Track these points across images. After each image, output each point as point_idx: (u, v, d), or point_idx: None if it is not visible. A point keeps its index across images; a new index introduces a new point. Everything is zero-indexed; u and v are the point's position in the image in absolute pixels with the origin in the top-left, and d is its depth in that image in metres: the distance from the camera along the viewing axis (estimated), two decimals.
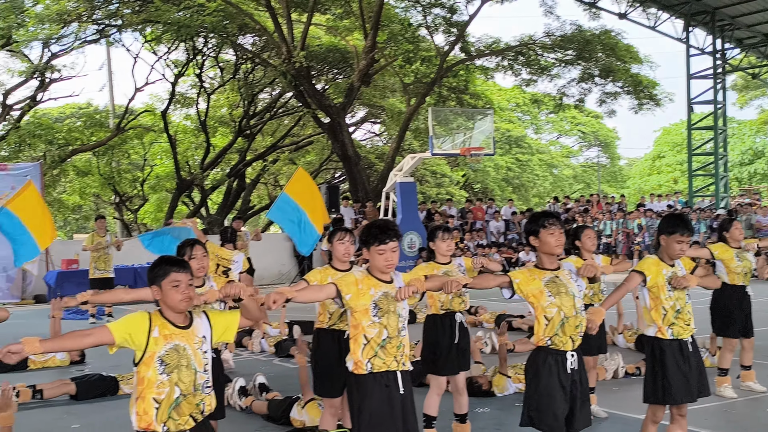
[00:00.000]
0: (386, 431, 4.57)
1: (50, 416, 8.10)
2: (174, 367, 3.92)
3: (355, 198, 26.76)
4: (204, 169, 32.78)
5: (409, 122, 30.25)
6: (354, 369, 4.67)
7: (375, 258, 4.78)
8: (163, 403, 3.90)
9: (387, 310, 4.70)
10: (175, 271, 4.03)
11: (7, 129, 29.52)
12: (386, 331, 4.67)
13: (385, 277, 4.81)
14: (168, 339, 3.95)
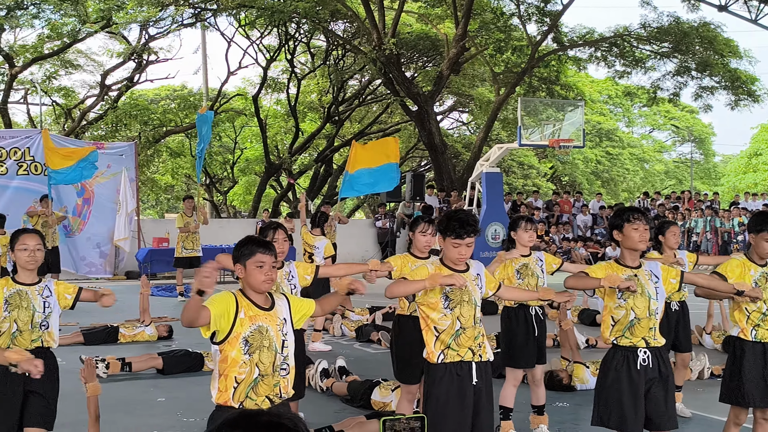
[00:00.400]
0: (453, 419, 4.56)
1: (137, 388, 8.36)
2: (256, 348, 3.98)
3: (440, 187, 26.72)
4: (292, 154, 33.20)
5: (497, 112, 30.01)
6: (427, 357, 4.68)
7: (449, 249, 4.76)
8: (242, 383, 3.97)
9: (459, 300, 4.68)
10: (261, 252, 4.06)
11: (105, 109, 30.46)
12: (459, 322, 4.65)
13: (458, 268, 4.79)
14: (253, 320, 4.01)
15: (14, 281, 5.00)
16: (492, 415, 4.72)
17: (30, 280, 5.04)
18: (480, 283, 4.84)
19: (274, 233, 5.91)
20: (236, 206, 41.68)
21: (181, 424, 6.85)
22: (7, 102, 28.99)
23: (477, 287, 4.79)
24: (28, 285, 5.02)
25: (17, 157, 20.26)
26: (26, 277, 5.04)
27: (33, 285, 5.03)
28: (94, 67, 33.41)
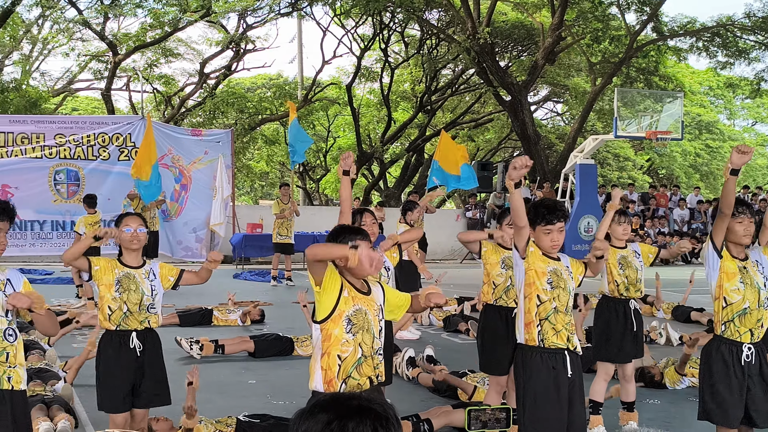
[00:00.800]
0: (551, 413, 4.54)
1: (230, 370, 8.57)
2: (359, 329, 4.05)
3: (533, 178, 26.43)
4: (384, 143, 33.33)
5: (593, 103, 29.49)
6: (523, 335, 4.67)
7: (541, 239, 4.74)
8: (346, 360, 4.03)
9: (557, 285, 4.67)
10: (359, 239, 4.13)
11: (203, 97, 31.19)
12: (554, 303, 4.65)
13: (552, 255, 4.80)
14: (355, 301, 4.08)
15: (122, 264, 5.16)
16: (584, 409, 4.70)
17: (136, 263, 5.19)
18: (571, 273, 4.84)
19: (362, 217, 5.96)
20: (328, 194, 42.12)
21: (271, 406, 7.00)
22: (110, 89, 29.97)
23: (571, 278, 4.78)
24: (134, 268, 5.17)
25: (119, 143, 20.95)
26: (132, 259, 5.19)
27: (139, 268, 5.18)
28: (193, 56, 34.23)
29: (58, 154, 20.44)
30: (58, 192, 20.45)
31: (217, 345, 9.17)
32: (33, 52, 34.57)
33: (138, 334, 5.10)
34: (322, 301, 4.06)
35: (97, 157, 20.68)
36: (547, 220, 4.71)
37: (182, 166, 21.48)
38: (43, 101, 30.04)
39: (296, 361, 8.87)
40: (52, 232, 20.34)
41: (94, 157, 20.65)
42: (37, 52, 34.85)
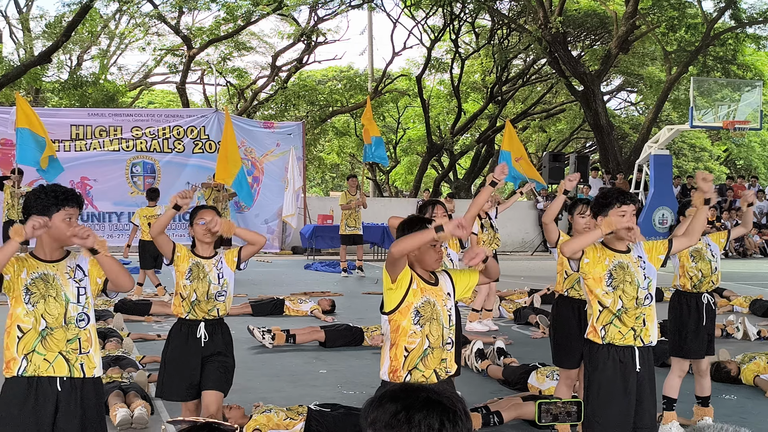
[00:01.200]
0: (617, 407, 4.48)
1: (301, 360, 8.68)
2: (427, 320, 4.10)
3: (606, 169, 26.04)
4: (454, 134, 33.23)
5: (668, 92, 28.88)
6: (589, 335, 4.62)
7: (615, 222, 4.64)
8: (412, 352, 4.09)
9: (622, 280, 4.59)
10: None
11: (275, 89, 31.54)
12: (621, 302, 4.57)
13: (621, 247, 4.69)
14: (423, 292, 4.12)
15: (194, 253, 5.27)
16: (654, 404, 4.62)
17: (207, 253, 5.29)
18: (644, 264, 4.72)
19: (433, 209, 5.95)
20: (398, 186, 42.19)
21: (342, 396, 7.07)
22: (185, 82, 30.54)
23: (640, 268, 4.68)
24: (205, 258, 5.26)
25: (193, 135, 21.36)
26: (204, 250, 5.29)
27: (210, 258, 5.28)
28: (265, 49, 34.63)
29: (134, 147, 20.93)
30: (134, 184, 20.95)
31: (289, 335, 9.29)
32: (110, 47, 35.43)
33: (206, 324, 5.20)
34: (389, 294, 4.09)
35: (172, 150, 21.11)
36: (621, 201, 4.64)
37: (255, 158, 21.79)
38: (120, 95, 30.78)
39: (366, 351, 8.93)
40: (129, 223, 20.82)
41: (169, 150, 21.09)
42: (114, 47, 35.71)
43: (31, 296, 3.97)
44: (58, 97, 30.95)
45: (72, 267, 4.11)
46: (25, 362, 3.92)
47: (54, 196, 4.00)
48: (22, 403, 3.89)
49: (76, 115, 21.57)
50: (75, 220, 4.03)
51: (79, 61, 33.85)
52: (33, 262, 4.04)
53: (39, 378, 3.91)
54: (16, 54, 32.52)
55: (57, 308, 3.98)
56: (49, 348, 3.94)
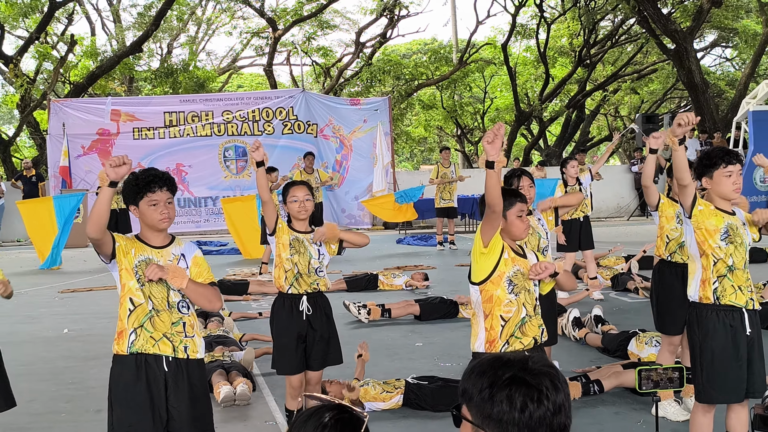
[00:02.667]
0: (730, 373, 4.36)
1: (397, 333, 8.73)
2: (521, 289, 4.10)
3: (702, 128, 25.23)
4: (543, 101, 32.70)
5: (765, 45, 27.74)
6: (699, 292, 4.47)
7: (722, 182, 4.46)
8: (510, 320, 4.10)
9: (732, 240, 4.43)
10: (520, 201, 4.21)
11: (360, 66, 31.62)
12: (732, 259, 4.42)
13: (727, 207, 4.53)
14: (514, 262, 4.14)
15: (292, 228, 5.36)
16: (764, 367, 4.48)
17: (303, 228, 5.38)
18: (746, 230, 4.56)
19: (519, 180, 5.88)
20: None
21: (439, 368, 7.08)
22: (272, 64, 30.89)
23: (745, 232, 4.52)
24: (303, 233, 5.36)
25: (282, 117, 21.62)
26: (300, 225, 5.38)
27: (308, 233, 5.37)
28: (349, 26, 34.81)
29: (226, 131, 21.33)
30: (227, 168, 21.38)
31: (384, 309, 9.35)
32: (198, 33, 36.12)
33: (308, 297, 5.28)
34: (480, 262, 4.08)
35: (263, 132, 21.42)
36: (726, 161, 4.45)
37: (343, 136, 21.93)
38: (210, 80, 31.38)
39: (461, 323, 8.92)
40: None
41: (259, 132, 21.41)
42: (202, 33, 36.40)
43: (139, 277, 4.02)
44: (151, 86, 31.75)
45: (176, 254, 4.12)
46: (134, 336, 3.98)
47: (136, 183, 4.00)
48: (134, 382, 3.96)
49: (169, 102, 22.10)
50: (163, 204, 4.00)
51: (169, 49, 34.65)
52: (140, 245, 4.07)
53: (146, 356, 3.98)
54: (108, 45, 33.51)
55: (160, 292, 4.04)
56: (156, 327, 4.01)
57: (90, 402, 6.45)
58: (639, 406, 5.94)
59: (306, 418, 2.05)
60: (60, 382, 7.11)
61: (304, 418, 2.05)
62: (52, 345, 8.61)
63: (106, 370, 4.15)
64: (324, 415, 2.04)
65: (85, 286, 12.57)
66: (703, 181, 4.55)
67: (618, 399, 6.16)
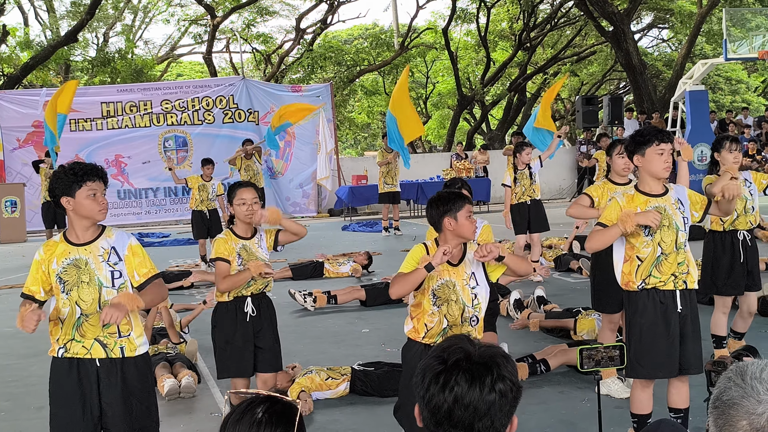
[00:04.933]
0: (659, 349, 4.41)
1: (343, 321, 8.72)
2: (444, 301, 4.15)
3: (641, 109, 25.62)
4: (484, 85, 32.88)
5: (700, 25, 28.25)
6: (626, 286, 4.54)
7: (653, 161, 4.45)
8: (432, 330, 4.19)
9: (660, 226, 4.44)
10: (467, 203, 4.19)
11: (301, 52, 31.41)
12: (660, 249, 4.45)
13: (656, 190, 4.53)
14: (441, 275, 4.15)
15: (236, 236, 5.17)
16: (700, 343, 4.54)
17: (249, 234, 5.22)
18: (682, 207, 4.57)
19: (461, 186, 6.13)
20: (431, 141, 41.97)
21: (386, 354, 7.08)
22: (211, 52, 30.52)
23: (678, 211, 4.54)
24: (248, 239, 5.18)
25: (222, 105, 21.37)
26: (245, 231, 5.20)
27: (252, 238, 5.20)
28: (289, 12, 34.47)
29: (165, 121, 21.01)
30: (168, 159, 21.08)
31: (330, 296, 9.33)
32: (135, 22, 35.49)
33: (252, 299, 5.18)
34: None
35: (203, 122, 21.16)
36: (659, 139, 4.44)
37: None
38: (148, 69, 30.85)
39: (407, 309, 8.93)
40: (165, 198, 21.04)
41: (199, 122, 21.14)
42: (138, 21, 35.76)
43: (64, 284, 3.92)
44: (88, 76, 31.14)
45: (106, 248, 3.98)
46: (63, 350, 3.95)
47: (73, 174, 3.91)
48: (66, 380, 3.94)
49: (106, 92, 21.67)
50: (100, 194, 3.93)
51: (105, 38, 33.99)
52: (64, 248, 3.96)
53: (79, 359, 3.94)
54: (42, 35, 32.75)
55: (91, 294, 3.91)
56: (85, 335, 3.92)
57: (31, 399, 6.32)
58: (583, 384, 6.02)
59: (239, 417, 2.01)
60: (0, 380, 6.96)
61: (237, 417, 2.02)
62: None
63: (46, 367, 4.08)
64: (256, 411, 2.01)
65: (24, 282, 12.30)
66: (635, 159, 4.55)
67: (563, 378, 6.24)
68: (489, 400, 1.83)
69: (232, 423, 2.01)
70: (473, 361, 1.87)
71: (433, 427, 1.88)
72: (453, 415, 1.84)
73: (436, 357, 1.90)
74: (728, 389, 1.73)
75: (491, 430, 1.85)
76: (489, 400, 1.83)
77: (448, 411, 1.84)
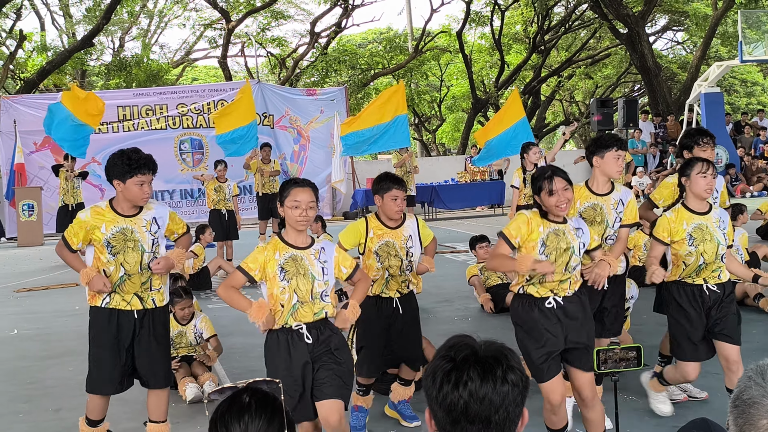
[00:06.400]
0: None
1: None
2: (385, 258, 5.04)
3: (655, 112, 25.56)
4: (499, 88, 32.87)
5: (715, 28, 28.14)
6: None
7: (609, 163, 5.06)
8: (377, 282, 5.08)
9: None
10: (396, 188, 4.98)
11: (316, 56, 31.48)
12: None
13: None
14: (381, 238, 5.03)
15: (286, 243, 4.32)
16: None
17: (301, 242, 4.33)
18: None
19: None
20: (445, 144, 41.98)
21: None
22: (226, 56, 30.65)
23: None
24: (301, 249, 4.31)
25: None
26: (297, 238, 4.33)
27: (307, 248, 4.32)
28: (303, 16, 34.58)
29: (181, 124, 21.12)
30: (184, 161, 21.19)
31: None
32: (150, 26, 35.68)
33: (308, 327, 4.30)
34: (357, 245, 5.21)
35: None
36: (618, 146, 5.12)
37: (300, 127, 21.83)
38: (164, 73, 31.03)
39: None
40: (182, 200, 21.13)
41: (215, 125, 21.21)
42: (154, 26, 35.96)
43: (112, 248, 4.59)
44: (103, 80, 31.33)
45: (148, 220, 4.71)
46: (108, 298, 4.66)
47: (128, 163, 4.56)
48: (107, 326, 4.67)
49: (122, 96, 21.81)
50: (147, 185, 4.60)
51: (121, 42, 34.20)
52: (111, 216, 4.63)
53: (119, 311, 4.67)
54: (59, 40, 32.98)
55: (134, 257, 4.62)
56: (126, 291, 4.66)
57: (49, 401, 6.37)
58: None
59: (228, 405, 2.18)
60: (18, 382, 6.99)
61: (225, 405, 2.18)
62: (7, 345, 8.45)
63: (64, 369, 4.17)
64: (243, 397, 2.18)
65: (41, 284, 12.37)
66: (594, 159, 5.00)
67: None
68: (503, 392, 1.85)
69: (221, 411, 2.17)
70: (481, 356, 1.88)
71: (449, 426, 1.89)
72: (469, 410, 1.85)
73: (443, 356, 1.91)
74: (748, 388, 1.74)
75: (507, 421, 1.87)
76: (503, 391, 1.85)
77: (464, 407, 1.85)
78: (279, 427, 2.13)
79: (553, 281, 4.33)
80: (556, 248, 4.33)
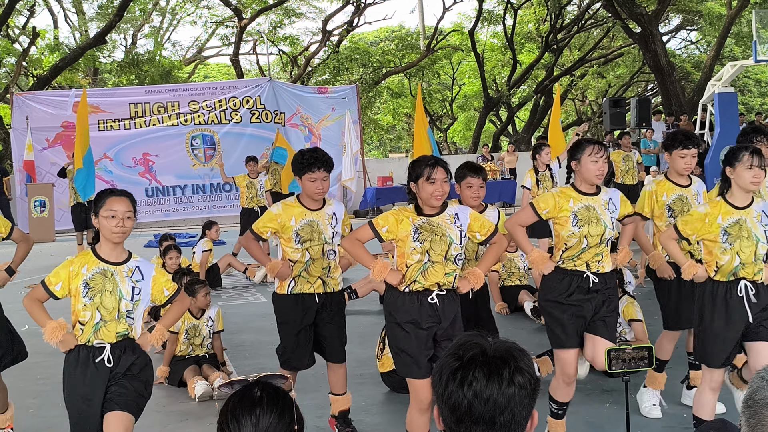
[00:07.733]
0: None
1: (368, 321, 8.72)
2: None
3: (669, 111, 25.42)
4: (511, 87, 32.80)
5: (730, 27, 27.99)
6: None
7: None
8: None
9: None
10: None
11: (327, 54, 31.49)
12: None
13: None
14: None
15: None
16: None
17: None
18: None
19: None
20: (456, 142, 41.92)
21: None
22: (238, 54, 30.69)
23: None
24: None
25: (249, 105, 21.49)
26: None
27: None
28: (315, 14, 34.61)
29: (192, 121, 21.18)
30: (195, 157, 21.24)
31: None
32: (163, 24, 35.76)
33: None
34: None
35: (230, 121, 21.30)
36: (683, 145, 5.03)
37: (311, 125, 21.85)
38: (176, 70, 31.10)
39: None
40: (193, 195, 21.17)
41: (227, 121, 21.28)
42: (166, 23, 36.04)
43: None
44: (116, 77, 31.42)
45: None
46: (293, 282, 5.06)
47: (301, 161, 5.14)
48: (293, 309, 5.08)
49: (134, 93, 21.87)
50: (320, 182, 5.14)
51: (133, 39, 34.28)
52: (300, 210, 5.07)
53: (304, 295, 5.06)
54: (72, 37, 33.08)
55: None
56: (311, 273, 5.06)
57: (59, 397, 6.30)
58: (609, 386, 5.97)
59: (239, 398, 2.14)
60: (28, 378, 7.00)
61: (237, 398, 2.15)
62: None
63: None
64: (254, 391, 2.15)
65: None
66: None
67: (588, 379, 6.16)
68: (508, 394, 1.83)
69: (233, 404, 2.14)
70: (489, 356, 1.86)
71: (454, 425, 1.87)
72: (473, 410, 1.83)
73: (451, 354, 1.90)
74: (761, 389, 1.72)
75: (512, 423, 1.84)
76: (508, 393, 1.83)
77: (468, 407, 1.84)
78: (290, 422, 2.12)
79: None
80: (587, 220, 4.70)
